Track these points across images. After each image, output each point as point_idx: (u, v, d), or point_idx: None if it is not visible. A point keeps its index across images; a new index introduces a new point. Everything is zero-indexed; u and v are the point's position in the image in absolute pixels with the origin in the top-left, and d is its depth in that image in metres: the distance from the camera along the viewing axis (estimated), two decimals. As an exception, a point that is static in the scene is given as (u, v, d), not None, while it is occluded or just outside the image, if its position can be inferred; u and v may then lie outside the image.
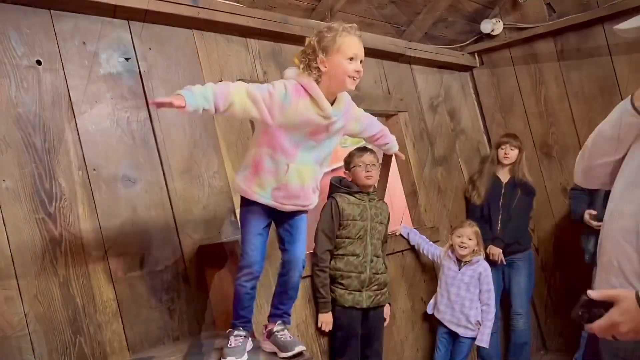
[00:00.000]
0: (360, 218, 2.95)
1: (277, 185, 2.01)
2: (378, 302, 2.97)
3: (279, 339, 2.12)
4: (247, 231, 2.07)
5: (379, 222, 3.03)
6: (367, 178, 2.98)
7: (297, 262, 2.13)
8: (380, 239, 3.05)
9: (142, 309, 2.29)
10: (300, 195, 2.06)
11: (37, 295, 2.00)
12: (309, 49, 1.95)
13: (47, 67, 2.16)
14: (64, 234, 2.10)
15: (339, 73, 1.93)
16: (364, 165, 2.97)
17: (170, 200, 2.44)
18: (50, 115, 2.14)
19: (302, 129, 1.97)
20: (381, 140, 2.36)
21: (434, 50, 4.16)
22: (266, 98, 1.89)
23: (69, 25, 2.25)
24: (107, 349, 2.16)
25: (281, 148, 1.97)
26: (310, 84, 1.93)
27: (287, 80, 1.96)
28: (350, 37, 1.93)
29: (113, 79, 2.35)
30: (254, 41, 2.94)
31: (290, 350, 2.07)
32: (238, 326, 2.08)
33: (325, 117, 1.97)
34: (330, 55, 1.92)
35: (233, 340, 2.04)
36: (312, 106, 1.94)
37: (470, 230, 3.44)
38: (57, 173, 2.12)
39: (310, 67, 1.94)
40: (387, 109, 3.74)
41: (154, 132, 2.44)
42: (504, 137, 4.08)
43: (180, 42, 2.61)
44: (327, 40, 1.91)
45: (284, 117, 1.92)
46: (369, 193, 3.03)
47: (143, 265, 2.32)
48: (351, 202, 2.95)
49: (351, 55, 1.92)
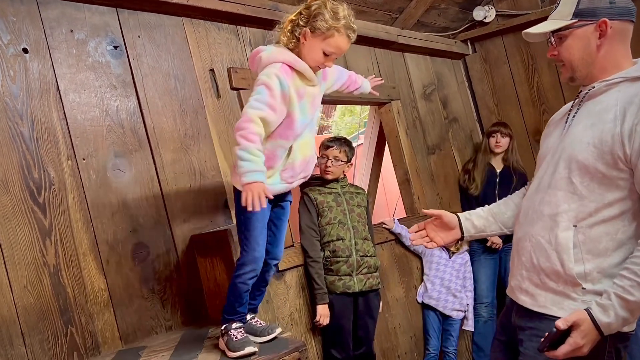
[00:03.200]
0: (336, 203, 2.97)
1: (284, 167, 2.00)
2: (370, 286, 2.96)
3: (254, 325, 2.12)
4: (253, 227, 1.98)
5: (355, 206, 3.04)
6: (326, 172, 2.99)
7: (276, 262, 2.17)
8: (362, 222, 3.04)
9: (134, 299, 2.28)
10: (305, 168, 2.07)
11: (27, 285, 1.99)
12: (305, 14, 1.90)
13: (34, 56, 2.13)
14: (54, 224, 2.09)
15: (310, 56, 1.91)
16: (327, 158, 2.98)
17: (161, 190, 2.42)
18: (38, 104, 2.12)
19: (304, 106, 1.95)
20: (352, 86, 2.36)
21: (426, 38, 4.14)
22: (271, 103, 1.85)
23: (55, 12, 2.22)
24: (99, 339, 2.15)
25: (294, 135, 1.96)
26: (295, 60, 1.90)
27: (272, 65, 1.90)
28: (343, 37, 1.90)
29: (101, 67, 2.32)
30: (245, 28, 2.92)
31: (269, 333, 2.08)
32: (236, 320, 2.03)
33: (314, 85, 1.98)
34: (315, 36, 1.89)
35: (237, 333, 1.98)
36: (301, 79, 1.94)
37: None
38: (45, 162, 2.10)
39: (292, 33, 1.91)
40: (379, 97, 3.72)
41: (143, 120, 2.41)
42: (494, 125, 4.07)
43: (170, 29, 2.58)
44: (323, 23, 1.87)
45: (291, 104, 1.90)
46: (339, 180, 3.05)
47: (134, 255, 2.30)
48: (323, 192, 2.99)
49: (330, 52, 1.91)
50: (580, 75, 1.59)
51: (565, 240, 1.50)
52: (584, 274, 1.48)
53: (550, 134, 1.72)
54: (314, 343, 2.93)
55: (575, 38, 1.56)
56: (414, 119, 4.00)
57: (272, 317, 2.70)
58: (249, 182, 1.74)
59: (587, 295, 1.47)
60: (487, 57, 4.52)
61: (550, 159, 1.62)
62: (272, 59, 1.91)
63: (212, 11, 2.67)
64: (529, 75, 4.33)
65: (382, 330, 3.33)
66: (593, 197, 1.48)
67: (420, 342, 3.61)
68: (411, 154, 3.84)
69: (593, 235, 1.48)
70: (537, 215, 1.59)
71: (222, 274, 2.38)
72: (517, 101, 4.41)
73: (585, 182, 1.49)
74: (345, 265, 2.89)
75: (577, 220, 1.50)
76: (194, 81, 2.63)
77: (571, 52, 1.57)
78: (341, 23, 1.88)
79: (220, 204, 2.62)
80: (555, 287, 1.52)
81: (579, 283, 1.48)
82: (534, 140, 4.37)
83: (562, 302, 1.51)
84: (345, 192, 3.05)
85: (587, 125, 1.52)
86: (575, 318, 1.40)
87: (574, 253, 1.48)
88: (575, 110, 1.62)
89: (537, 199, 1.61)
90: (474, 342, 3.88)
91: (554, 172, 1.57)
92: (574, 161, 1.51)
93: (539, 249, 1.56)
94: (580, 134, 1.53)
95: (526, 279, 1.60)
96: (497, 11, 4.28)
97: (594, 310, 1.40)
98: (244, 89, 2.79)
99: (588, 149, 1.48)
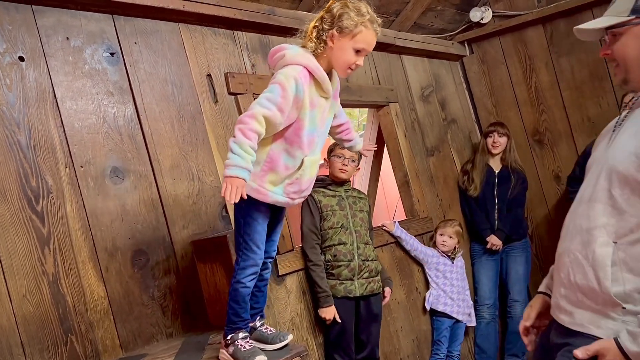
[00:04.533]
0: (339, 207, 2.97)
1: (291, 181, 1.95)
2: (371, 290, 2.95)
3: (265, 333, 2.10)
4: (254, 230, 1.95)
5: (358, 210, 3.04)
6: (342, 171, 2.98)
7: (272, 260, 2.15)
8: (364, 226, 3.05)
9: (134, 306, 2.27)
10: (308, 187, 2.03)
11: (26, 295, 1.98)
12: (328, 18, 1.88)
13: (31, 64, 2.13)
14: (52, 232, 2.08)
15: (342, 58, 1.89)
16: (343, 157, 2.97)
17: (160, 196, 2.41)
18: (35, 112, 2.11)
19: (314, 116, 1.92)
20: (346, 133, 2.24)
21: (423, 40, 4.14)
22: (280, 104, 1.81)
23: (51, 20, 2.21)
24: (99, 348, 2.14)
25: (300, 142, 1.91)
26: (317, 68, 1.87)
27: (293, 67, 1.86)
28: (371, 31, 1.88)
29: (98, 74, 2.32)
30: (241, 33, 2.92)
31: (281, 341, 2.06)
32: (242, 328, 1.99)
33: (327, 97, 1.96)
34: (343, 36, 1.86)
35: (244, 343, 1.94)
36: (317, 89, 1.91)
37: (451, 230, 3.66)
38: (43, 171, 2.09)
39: (319, 38, 1.88)
40: (378, 100, 3.72)
41: (141, 127, 2.41)
42: (491, 125, 4.08)
43: (167, 35, 2.58)
44: (349, 21, 1.84)
45: (302, 111, 1.87)
46: (343, 184, 3.05)
47: (134, 262, 2.29)
48: (327, 195, 2.98)
49: (361, 47, 1.88)
50: (634, 78, 1.46)
51: (602, 256, 1.39)
52: (624, 294, 1.36)
53: (598, 144, 1.61)
54: (315, 348, 2.92)
55: (632, 36, 1.44)
56: (413, 121, 3.99)
57: (273, 322, 2.68)
58: (231, 175, 1.72)
59: (627, 315, 1.35)
60: (484, 58, 4.52)
61: (594, 170, 1.51)
62: (295, 60, 1.88)
63: (208, 16, 2.66)
64: (527, 75, 4.33)
65: (384, 334, 3.32)
66: (634, 212, 1.37)
67: (423, 345, 3.60)
68: (410, 156, 3.84)
69: (635, 254, 1.36)
70: (576, 230, 1.49)
71: (222, 280, 2.37)
72: (515, 101, 4.41)
73: (626, 195, 1.38)
74: (346, 269, 2.88)
75: (618, 237, 1.39)
76: (191, 87, 2.62)
77: (626, 52, 1.45)
78: (367, 18, 1.87)
79: (219, 209, 2.62)
80: (593, 306, 1.41)
81: (618, 303, 1.36)
82: (533, 140, 4.37)
83: (599, 321, 1.40)
84: (349, 196, 3.05)
85: (632, 133, 1.42)
86: (598, 347, 1.32)
87: (612, 271, 1.38)
88: (624, 117, 1.51)
89: (578, 213, 1.51)
90: (476, 344, 3.87)
91: (595, 183, 1.47)
92: (615, 172, 1.41)
93: (576, 265, 1.46)
94: (625, 142, 1.43)
95: (564, 296, 1.51)
96: (494, 12, 4.29)
97: (622, 339, 1.31)
98: (241, 93, 2.78)
99: (630, 158, 1.38)
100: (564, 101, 4.18)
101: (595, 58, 3.97)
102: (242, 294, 1.97)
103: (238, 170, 1.72)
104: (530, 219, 4.37)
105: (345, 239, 2.92)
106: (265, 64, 2.98)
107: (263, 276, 2.11)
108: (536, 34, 4.22)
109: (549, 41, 4.17)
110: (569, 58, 4.10)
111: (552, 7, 4.03)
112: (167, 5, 2.46)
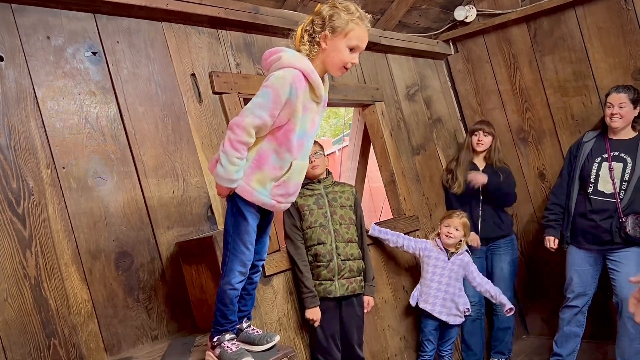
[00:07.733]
0: (317, 206, 2.93)
1: (278, 183, 1.93)
2: (353, 290, 2.91)
3: (251, 334, 2.09)
4: (243, 230, 1.93)
5: (339, 207, 2.98)
6: (313, 167, 2.94)
7: (263, 263, 2.15)
8: (347, 223, 2.97)
9: (119, 309, 2.24)
10: (295, 192, 2.02)
11: (7, 298, 1.94)
12: (318, 20, 1.89)
13: (10, 63, 2.08)
14: (34, 235, 2.04)
15: (336, 58, 1.90)
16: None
17: (144, 197, 2.39)
18: (15, 112, 2.07)
19: (305, 120, 1.92)
20: None
21: (408, 39, 4.14)
22: (272, 110, 1.82)
23: (31, 19, 2.17)
24: (83, 351, 2.11)
25: (289, 145, 1.90)
26: (312, 72, 1.87)
27: (289, 70, 1.85)
28: (362, 28, 1.90)
29: (80, 74, 2.28)
30: (226, 32, 2.89)
31: (268, 342, 2.05)
32: (229, 330, 1.98)
33: (319, 102, 1.96)
34: (336, 36, 1.87)
35: (230, 345, 1.93)
36: (310, 92, 1.91)
37: (458, 221, 3.47)
38: (24, 172, 2.05)
39: (312, 41, 1.90)
40: (363, 99, 3.71)
41: (124, 127, 2.38)
42: (476, 124, 4.09)
43: (150, 34, 2.55)
44: (340, 20, 1.86)
45: (294, 114, 1.87)
46: (321, 180, 3.01)
47: (118, 264, 2.26)
48: (305, 195, 2.93)
49: (355, 44, 1.89)
50: None
51: None
52: None
53: None
54: (303, 348, 2.91)
55: None
56: (398, 120, 4.00)
57: (260, 323, 2.66)
58: (218, 183, 1.91)
59: None
60: (469, 57, 4.53)
61: None
62: (292, 63, 1.86)
63: (192, 15, 2.64)
64: (511, 73, 4.35)
65: (371, 333, 3.31)
66: None
67: (410, 344, 3.60)
68: (396, 155, 3.84)
69: None
70: None
71: (208, 281, 2.34)
72: (500, 100, 4.43)
73: None
74: (325, 270, 2.86)
75: None
76: (175, 86, 2.60)
77: None
78: (357, 15, 1.89)
79: (204, 210, 2.59)
80: None
81: None
82: (518, 139, 4.39)
83: None
84: (329, 192, 3.00)
85: None
86: None
87: None
88: None
89: None
90: (463, 341, 3.88)
91: None
92: None
93: None
94: None
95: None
96: (478, 11, 4.30)
97: None
98: (226, 93, 2.76)
99: None
100: (548, 99, 4.20)
101: (578, 57, 4.00)
102: (230, 295, 1.95)
103: (222, 181, 1.88)
104: (515, 216, 4.40)
105: (324, 239, 2.88)
106: (249, 62, 2.96)
107: (253, 279, 2.09)
108: (520, 32, 4.24)
109: (532, 40, 4.19)
110: (553, 57, 4.13)
111: (536, 5, 4.05)
112: (150, 4, 2.42)
